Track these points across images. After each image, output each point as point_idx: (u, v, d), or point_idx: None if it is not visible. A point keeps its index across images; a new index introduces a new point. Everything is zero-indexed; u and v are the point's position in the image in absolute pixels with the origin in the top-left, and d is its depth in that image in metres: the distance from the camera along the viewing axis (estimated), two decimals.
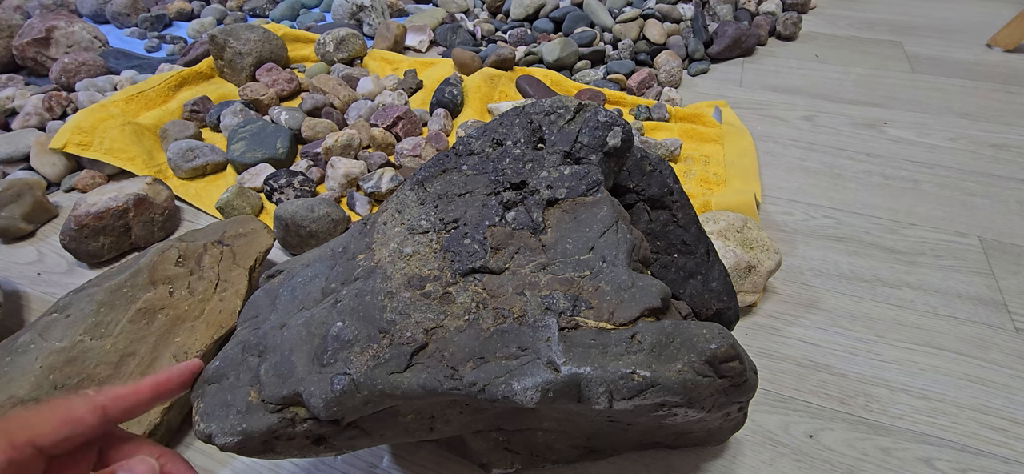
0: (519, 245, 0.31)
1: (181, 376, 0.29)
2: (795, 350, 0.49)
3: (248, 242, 0.51)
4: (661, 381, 0.25)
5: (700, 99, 0.89)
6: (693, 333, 0.27)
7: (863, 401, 0.45)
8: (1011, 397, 0.45)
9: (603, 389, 0.25)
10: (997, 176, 0.72)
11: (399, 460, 0.41)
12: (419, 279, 0.30)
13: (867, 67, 1.01)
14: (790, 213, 0.65)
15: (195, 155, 0.67)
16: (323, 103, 0.78)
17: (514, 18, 1.09)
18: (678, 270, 0.38)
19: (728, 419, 0.35)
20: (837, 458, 0.41)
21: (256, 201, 0.63)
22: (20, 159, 0.69)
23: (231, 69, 0.86)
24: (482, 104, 0.82)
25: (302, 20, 1.13)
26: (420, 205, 0.34)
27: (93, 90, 0.81)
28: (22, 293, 0.55)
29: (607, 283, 0.28)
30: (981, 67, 1.01)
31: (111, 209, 0.55)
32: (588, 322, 0.27)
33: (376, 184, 0.63)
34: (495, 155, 0.35)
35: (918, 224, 0.64)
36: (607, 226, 0.31)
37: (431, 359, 0.27)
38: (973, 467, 0.41)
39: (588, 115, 0.36)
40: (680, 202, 0.39)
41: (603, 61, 0.96)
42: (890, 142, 0.79)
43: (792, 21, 1.10)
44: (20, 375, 0.38)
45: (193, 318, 0.45)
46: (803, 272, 0.57)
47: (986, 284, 0.56)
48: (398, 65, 0.94)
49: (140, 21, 1.09)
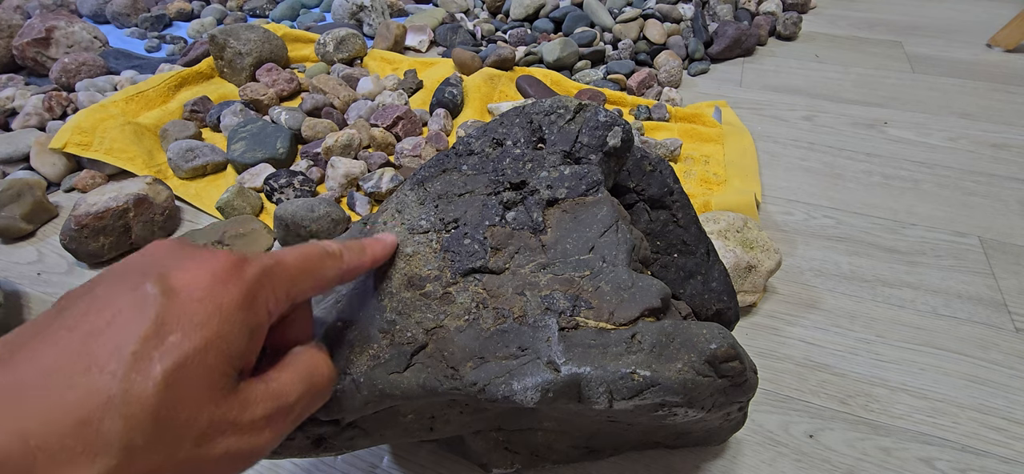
0: (519, 245, 0.31)
1: (386, 249, 0.29)
2: (795, 350, 0.49)
3: (248, 242, 0.51)
4: (661, 381, 0.25)
5: (700, 99, 0.89)
6: (693, 333, 0.27)
7: (863, 401, 0.45)
8: (1011, 397, 0.45)
9: (603, 389, 0.25)
10: (997, 176, 0.72)
11: (399, 460, 0.41)
12: (419, 279, 0.30)
13: (867, 67, 1.01)
14: (790, 213, 0.65)
15: (195, 155, 0.67)
16: (323, 103, 0.78)
17: (514, 18, 1.09)
18: (678, 270, 0.38)
19: (728, 419, 0.35)
20: (837, 458, 0.41)
21: (256, 201, 0.63)
22: (20, 159, 0.69)
23: (231, 69, 0.86)
24: (482, 104, 0.82)
25: (302, 20, 1.13)
26: (420, 205, 0.34)
27: (93, 90, 0.81)
28: (22, 293, 0.55)
29: (607, 283, 0.28)
30: (981, 67, 1.01)
31: (111, 209, 0.55)
32: (588, 322, 0.27)
33: (376, 184, 0.63)
34: (495, 155, 0.35)
35: (918, 224, 0.64)
36: (607, 226, 0.31)
37: (431, 359, 0.27)
38: (973, 467, 0.41)
39: (588, 115, 0.36)
40: (680, 202, 0.39)
41: (603, 61, 0.96)
42: (890, 142, 0.79)
43: (792, 21, 1.10)
44: None
45: None
46: (803, 272, 0.57)
47: (986, 284, 0.56)
48: (398, 65, 0.94)
49: (140, 21, 1.09)
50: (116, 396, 0.16)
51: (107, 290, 0.18)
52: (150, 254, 0.20)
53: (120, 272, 0.19)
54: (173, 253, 0.20)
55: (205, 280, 0.19)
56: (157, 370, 0.17)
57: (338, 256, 0.25)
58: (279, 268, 0.22)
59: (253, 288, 0.20)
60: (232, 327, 0.19)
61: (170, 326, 0.18)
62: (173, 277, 0.19)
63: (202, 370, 0.18)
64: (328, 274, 0.24)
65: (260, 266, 0.21)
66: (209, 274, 0.19)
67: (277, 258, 0.22)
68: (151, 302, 0.18)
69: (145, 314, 0.17)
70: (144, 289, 0.18)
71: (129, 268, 0.20)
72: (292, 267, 0.22)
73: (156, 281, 0.18)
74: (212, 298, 0.19)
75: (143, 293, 0.18)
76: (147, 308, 0.18)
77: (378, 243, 0.29)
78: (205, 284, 0.19)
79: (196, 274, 0.19)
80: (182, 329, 0.18)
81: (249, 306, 0.20)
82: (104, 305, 0.18)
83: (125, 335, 0.17)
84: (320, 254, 0.24)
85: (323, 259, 0.24)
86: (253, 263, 0.21)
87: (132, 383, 0.16)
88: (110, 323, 0.17)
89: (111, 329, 0.17)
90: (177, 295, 0.18)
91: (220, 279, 0.19)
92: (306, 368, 0.23)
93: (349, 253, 0.26)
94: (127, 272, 0.19)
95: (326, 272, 0.24)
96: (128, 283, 0.19)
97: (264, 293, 0.21)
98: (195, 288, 0.19)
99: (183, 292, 0.18)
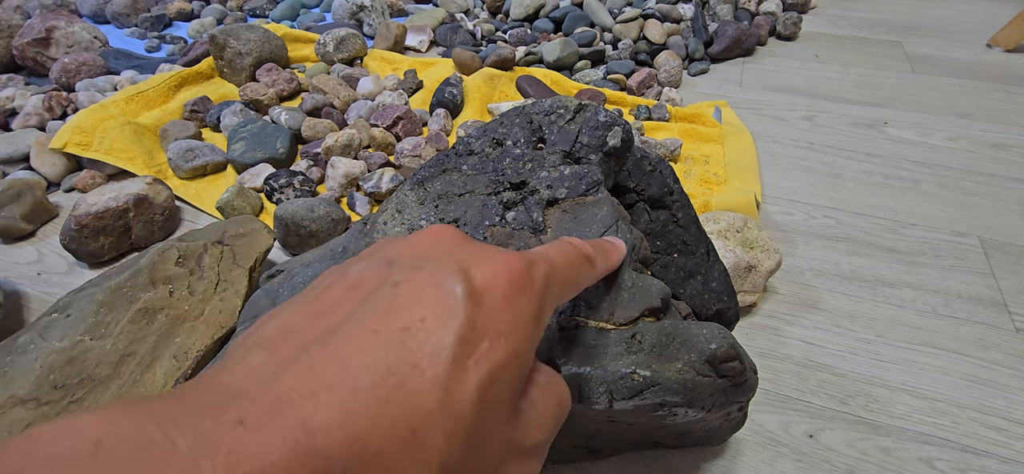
0: (519, 245, 0.31)
1: (621, 256, 0.28)
2: (795, 350, 0.49)
3: (248, 242, 0.51)
4: (661, 381, 0.25)
5: (700, 99, 0.89)
6: (693, 333, 0.27)
7: (863, 401, 0.45)
8: (1011, 397, 0.45)
9: (603, 389, 0.25)
10: (997, 176, 0.72)
11: None
12: None
13: (867, 67, 1.01)
14: (790, 213, 0.65)
15: (195, 155, 0.67)
16: (323, 103, 0.78)
17: (514, 18, 1.09)
18: (678, 270, 0.38)
19: (728, 419, 0.35)
20: (837, 458, 0.41)
21: (256, 201, 0.63)
22: (20, 159, 0.69)
23: (231, 69, 0.86)
24: (482, 104, 0.82)
25: (302, 20, 1.13)
26: (420, 205, 0.34)
27: (93, 90, 0.81)
28: (22, 293, 0.55)
29: (607, 283, 0.28)
30: (981, 67, 1.01)
31: (111, 209, 0.55)
32: (588, 322, 0.27)
33: (376, 184, 0.63)
34: (495, 155, 0.35)
35: (918, 224, 0.64)
36: (607, 226, 0.31)
37: None
38: (973, 467, 0.41)
39: (588, 115, 0.36)
40: (680, 202, 0.39)
41: (603, 61, 0.96)
42: (890, 142, 0.79)
43: (792, 21, 1.10)
44: (20, 375, 0.38)
45: (193, 318, 0.45)
46: (803, 272, 0.57)
47: (986, 284, 0.56)
48: (398, 65, 0.94)
49: (140, 21, 1.09)
50: (436, 409, 0.14)
51: (410, 286, 0.16)
52: (438, 242, 0.19)
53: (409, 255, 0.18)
54: (464, 245, 0.19)
55: (503, 285, 0.17)
56: (472, 381, 0.15)
57: (593, 263, 0.24)
58: (555, 275, 0.20)
59: (542, 297, 0.18)
60: (527, 341, 0.17)
61: (480, 332, 0.16)
62: (474, 275, 0.17)
63: (505, 386, 0.16)
64: (584, 282, 0.23)
65: (544, 272, 0.19)
66: (507, 277, 0.17)
67: (552, 261, 0.20)
68: (460, 302, 0.16)
69: (456, 314, 0.16)
70: (450, 287, 0.16)
71: (421, 259, 0.18)
72: (562, 275, 0.21)
73: (460, 278, 0.16)
74: (512, 307, 0.17)
75: (450, 291, 0.16)
76: (456, 307, 0.16)
77: (615, 251, 0.27)
78: (504, 289, 0.17)
79: (496, 275, 0.17)
80: (490, 337, 0.16)
81: (539, 318, 0.18)
82: (412, 301, 0.16)
83: (441, 336, 0.15)
84: (581, 259, 0.23)
85: (584, 265, 0.23)
86: (538, 267, 0.19)
87: (452, 394, 0.15)
88: (423, 320, 0.15)
89: (425, 327, 0.15)
90: (482, 298, 0.16)
91: (517, 286, 0.18)
92: (558, 393, 0.20)
93: (600, 258, 0.25)
94: (420, 263, 0.17)
95: (583, 279, 0.23)
96: (429, 277, 0.17)
97: (547, 305, 0.19)
98: (497, 292, 0.17)
99: (487, 296, 0.17)
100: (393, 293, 0.16)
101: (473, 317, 0.16)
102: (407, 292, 0.16)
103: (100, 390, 0.39)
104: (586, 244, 0.24)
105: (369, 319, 0.15)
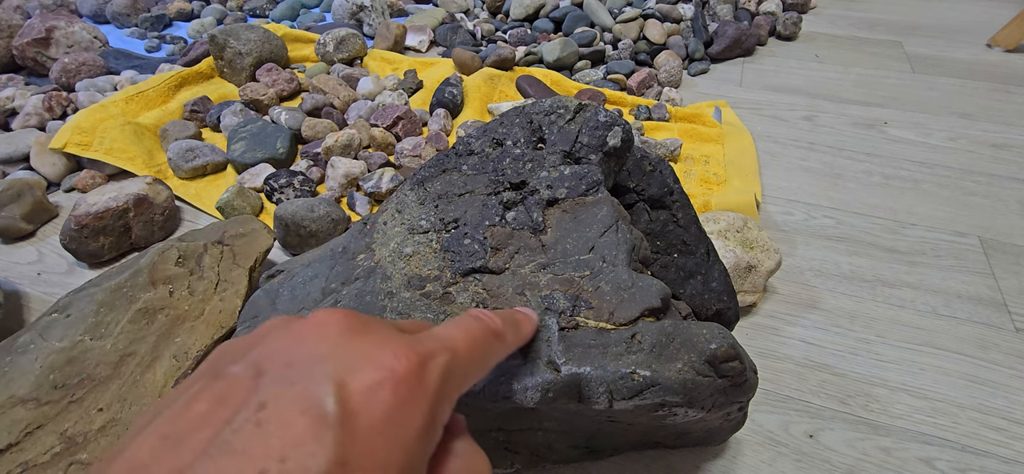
0: (519, 245, 0.31)
1: (534, 326, 0.27)
2: (795, 350, 0.49)
3: (248, 242, 0.51)
4: (661, 381, 0.25)
5: (700, 99, 0.89)
6: (693, 333, 0.27)
7: (863, 401, 0.45)
8: (1011, 397, 0.45)
9: (603, 389, 0.25)
10: (997, 176, 0.72)
11: None
12: (419, 279, 0.30)
13: (867, 67, 1.01)
14: (790, 213, 0.65)
15: (195, 155, 0.67)
16: (323, 103, 0.78)
17: (514, 18, 1.09)
18: (678, 270, 0.38)
19: (728, 419, 0.35)
20: (837, 458, 0.41)
21: (256, 201, 0.63)
22: (20, 159, 0.69)
23: (231, 69, 0.86)
24: (482, 104, 0.82)
25: (302, 20, 1.13)
26: (420, 205, 0.34)
27: (93, 90, 0.81)
28: (22, 293, 0.55)
29: (607, 283, 0.29)
30: (981, 67, 1.01)
31: (111, 209, 0.55)
32: (588, 322, 0.27)
33: (376, 184, 0.63)
34: (495, 155, 0.35)
35: (918, 224, 0.64)
36: (607, 226, 0.31)
37: None
38: (973, 467, 0.41)
39: (588, 115, 0.36)
40: (680, 202, 0.39)
41: (603, 61, 0.96)
42: (890, 142, 0.79)
43: (792, 21, 1.10)
44: (20, 375, 0.38)
45: (193, 318, 0.45)
46: (803, 272, 0.57)
47: (986, 284, 0.56)
48: (398, 65, 0.94)
49: (140, 21, 1.09)
50: None
51: (275, 409, 0.15)
52: (320, 338, 0.17)
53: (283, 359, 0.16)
54: (349, 341, 0.17)
55: (386, 397, 0.16)
56: None
57: (502, 338, 0.22)
58: (456, 364, 0.19)
59: (435, 403, 0.17)
60: (415, 458, 0.16)
61: (352, 467, 0.14)
62: (350, 386, 0.16)
63: None
64: (492, 360, 0.21)
65: (440, 369, 0.18)
66: (391, 387, 0.16)
67: (451, 349, 0.19)
68: (330, 430, 0.14)
69: (322, 448, 0.14)
70: (320, 410, 0.15)
71: (296, 364, 0.16)
72: (466, 361, 0.19)
73: (333, 397, 0.15)
74: (395, 428, 0.16)
75: (318, 417, 0.15)
76: (324, 439, 0.14)
77: (528, 321, 0.26)
78: (386, 404, 0.16)
79: (378, 385, 0.16)
80: (364, 470, 0.15)
81: (430, 427, 0.17)
82: (274, 432, 0.14)
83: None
84: (487, 336, 0.21)
85: (491, 342, 0.21)
86: (433, 362, 0.18)
87: None
88: (284, 461, 0.14)
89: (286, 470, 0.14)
90: (357, 421, 0.15)
91: (402, 396, 0.16)
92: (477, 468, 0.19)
93: (511, 332, 0.23)
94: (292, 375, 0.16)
95: (491, 357, 0.21)
96: (297, 397, 0.15)
97: (444, 405, 0.18)
98: (376, 410, 0.16)
99: (364, 415, 0.15)
100: (255, 421, 0.15)
101: (344, 450, 0.14)
102: (270, 419, 0.15)
103: (100, 390, 0.39)
104: (494, 317, 0.23)
105: (224, 462, 0.14)
